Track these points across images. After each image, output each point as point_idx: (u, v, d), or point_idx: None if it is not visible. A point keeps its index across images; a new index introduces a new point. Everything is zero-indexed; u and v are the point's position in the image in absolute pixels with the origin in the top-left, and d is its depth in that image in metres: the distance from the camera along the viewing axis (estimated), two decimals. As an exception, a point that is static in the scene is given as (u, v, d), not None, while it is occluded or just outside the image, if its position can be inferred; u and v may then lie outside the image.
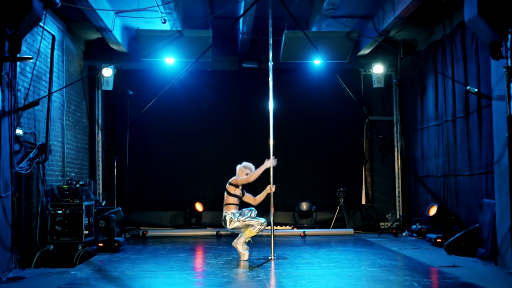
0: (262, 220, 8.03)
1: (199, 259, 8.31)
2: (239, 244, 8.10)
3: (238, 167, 8.42)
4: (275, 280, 6.75)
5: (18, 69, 7.72)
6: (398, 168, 13.04)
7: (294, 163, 12.70)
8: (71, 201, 8.37)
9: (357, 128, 13.07)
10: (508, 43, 6.84)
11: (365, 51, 12.08)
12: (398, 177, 13.03)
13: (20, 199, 7.76)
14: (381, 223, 12.85)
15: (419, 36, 11.57)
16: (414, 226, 10.94)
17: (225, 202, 8.14)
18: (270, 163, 8.28)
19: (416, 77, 11.88)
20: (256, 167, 12.55)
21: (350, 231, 11.75)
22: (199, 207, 12.23)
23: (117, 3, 9.75)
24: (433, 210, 10.09)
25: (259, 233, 8.11)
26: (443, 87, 10.42)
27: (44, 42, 8.77)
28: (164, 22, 10.08)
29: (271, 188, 8.30)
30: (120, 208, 10.05)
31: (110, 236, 9.34)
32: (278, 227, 12.32)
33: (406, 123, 12.76)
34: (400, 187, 13.01)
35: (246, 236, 8.08)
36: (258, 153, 12.39)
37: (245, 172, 8.30)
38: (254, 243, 10.33)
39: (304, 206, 12.23)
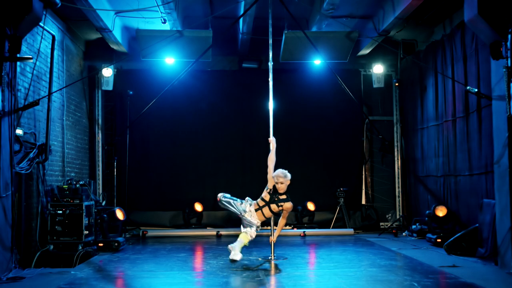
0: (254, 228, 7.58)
1: (199, 259, 8.31)
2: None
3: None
4: (275, 280, 6.75)
5: (18, 69, 7.72)
6: (398, 168, 13.04)
7: (294, 163, 12.61)
8: (71, 201, 8.37)
9: (357, 128, 13.07)
10: (508, 43, 6.84)
11: (365, 51, 12.08)
12: (398, 177, 13.03)
13: (20, 199, 7.76)
14: (381, 223, 12.86)
15: (419, 36, 11.58)
16: (414, 226, 10.94)
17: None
18: (272, 143, 8.13)
19: (416, 77, 11.88)
20: (255, 167, 12.58)
21: (350, 231, 11.75)
22: (198, 207, 12.21)
23: (117, 3, 9.75)
24: (441, 211, 9.92)
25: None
26: (443, 87, 10.42)
27: (44, 42, 8.77)
28: (164, 22, 10.08)
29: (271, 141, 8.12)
30: (115, 209, 9.97)
31: (103, 236, 9.38)
32: (278, 227, 12.31)
33: (406, 123, 12.76)
34: (400, 187, 13.01)
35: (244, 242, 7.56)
36: (258, 153, 12.45)
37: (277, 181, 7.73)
38: (254, 243, 10.34)
39: (312, 206, 12.19)
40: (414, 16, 9.97)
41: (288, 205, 7.68)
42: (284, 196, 7.72)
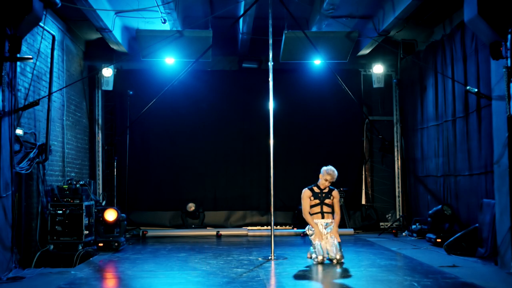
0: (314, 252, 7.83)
1: (199, 259, 8.31)
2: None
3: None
4: (275, 280, 6.75)
5: (18, 69, 7.73)
6: (398, 168, 13.05)
7: (294, 163, 12.71)
8: (71, 201, 8.37)
9: (357, 128, 13.06)
10: (508, 43, 6.85)
11: (365, 51, 12.09)
12: (398, 177, 13.03)
13: (20, 199, 7.76)
14: (381, 223, 12.85)
15: (419, 36, 11.58)
16: (414, 226, 10.94)
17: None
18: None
19: (416, 77, 11.88)
20: (255, 167, 12.52)
21: (350, 231, 11.74)
22: (190, 208, 12.16)
23: (117, 3, 9.75)
24: (448, 210, 9.86)
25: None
26: (443, 87, 10.42)
27: (44, 42, 8.77)
28: (164, 22, 10.08)
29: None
30: (106, 209, 9.90)
31: (99, 236, 9.39)
32: (278, 227, 12.32)
33: (406, 123, 12.77)
34: (400, 187, 13.01)
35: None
36: (258, 153, 12.48)
37: (323, 178, 8.17)
38: (254, 243, 10.35)
39: None
40: (414, 16, 9.97)
41: (336, 192, 8.19)
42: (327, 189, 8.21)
